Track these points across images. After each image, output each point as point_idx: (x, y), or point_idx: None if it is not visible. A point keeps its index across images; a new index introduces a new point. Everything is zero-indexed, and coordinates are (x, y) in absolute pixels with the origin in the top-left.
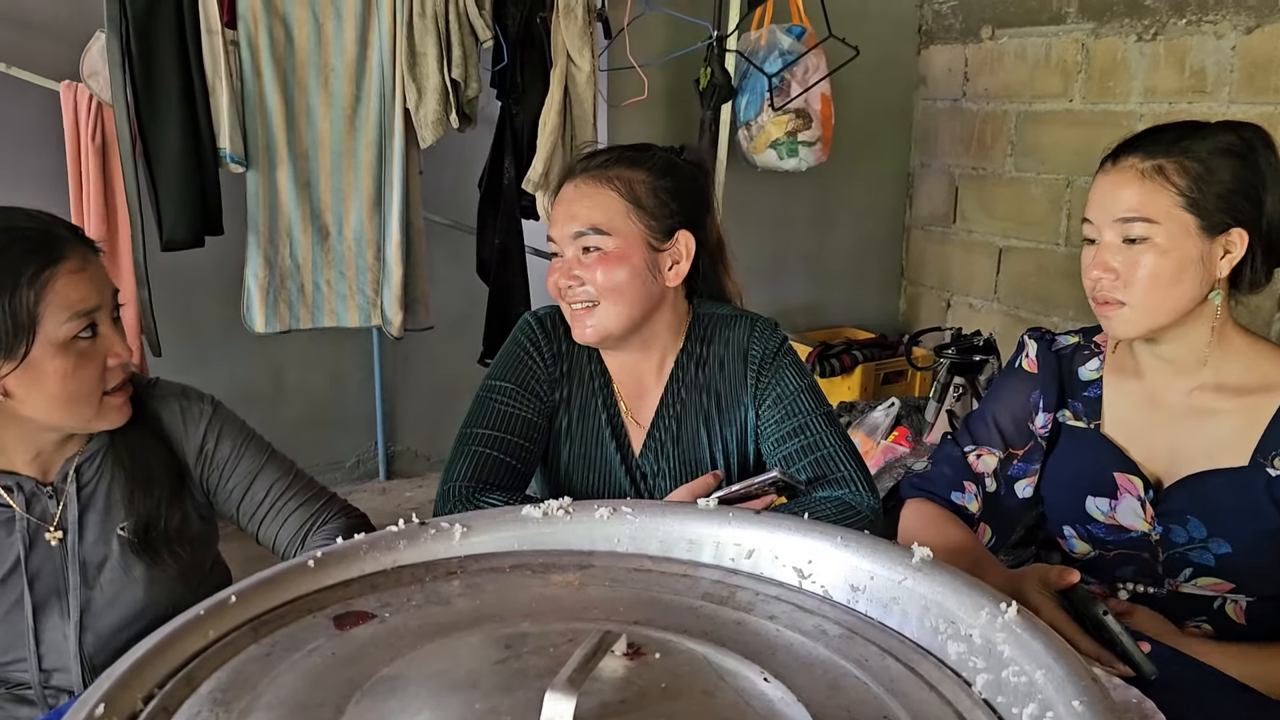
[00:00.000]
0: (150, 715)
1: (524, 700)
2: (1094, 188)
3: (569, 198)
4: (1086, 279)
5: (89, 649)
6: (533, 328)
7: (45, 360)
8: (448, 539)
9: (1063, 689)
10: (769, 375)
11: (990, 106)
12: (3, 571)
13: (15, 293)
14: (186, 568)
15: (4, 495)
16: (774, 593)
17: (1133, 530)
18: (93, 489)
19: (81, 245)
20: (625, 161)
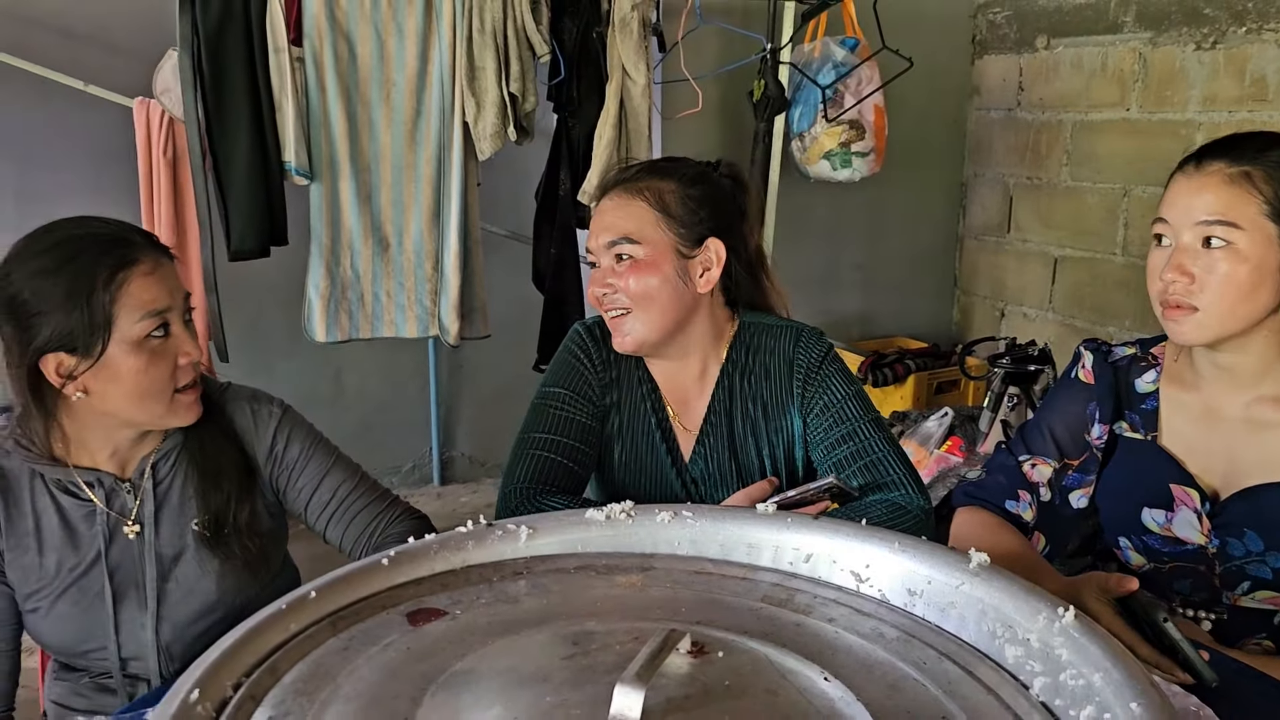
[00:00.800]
0: (239, 703)
1: (593, 695)
2: (1172, 188)
3: (603, 210)
4: (1156, 282)
5: (165, 638)
6: (582, 336)
7: (120, 358)
8: (514, 540)
9: (1120, 692)
10: (815, 384)
11: (1045, 116)
12: (85, 563)
13: (92, 294)
14: (255, 561)
15: (86, 490)
16: (832, 596)
17: (1189, 543)
18: (168, 485)
19: (153, 249)
20: (656, 173)
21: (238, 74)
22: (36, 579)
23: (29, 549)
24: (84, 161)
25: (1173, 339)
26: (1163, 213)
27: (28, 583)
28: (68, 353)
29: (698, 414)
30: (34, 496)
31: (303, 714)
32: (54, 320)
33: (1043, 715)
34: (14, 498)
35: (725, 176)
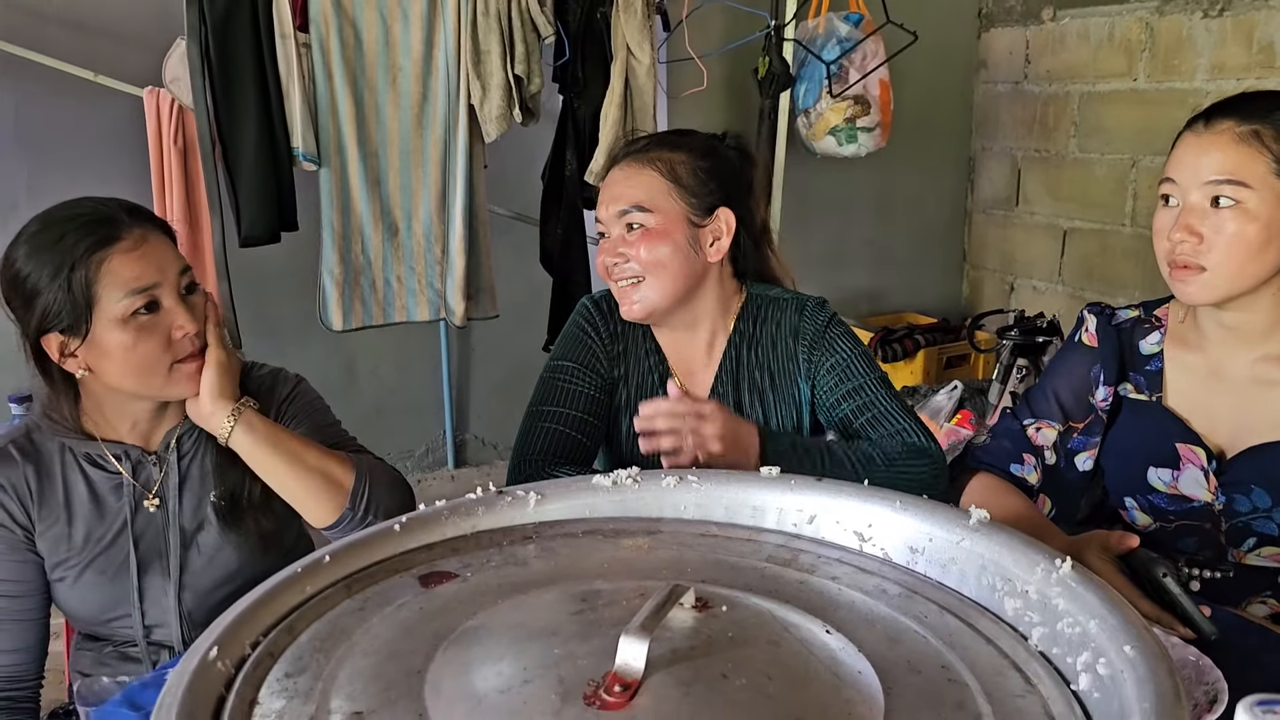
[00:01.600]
0: (257, 659)
1: (599, 646)
2: (1181, 147)
3: (613, 180)
4: (1163, 241)
5: (187, 606)
6: (589, 310)
7: (106, 335)
8: (523, 506)
9: (1115, 637)
10: (821, 348)
11: (1053, 88)
12: (111, 534)
13: (72, 274)
14: (268, 537)
15: (114, 463)
16: (835, 555)
17: (1195, 500)
18: (191, 459)
19: (140, 225)
20: (666, 144)
21: (245, 61)
22: (65, 549)
23: (59, 520)
24: (96, 152)
25: (1180, 299)
26: (1170, 173)
27: (56, 553)
28: (60, 332)
29: (705, 384)
30: (64, 469)
31: (320, 669)
32: (45, 300)
33: (1041, 664)
34: (46, 470)
35: (732, 149)
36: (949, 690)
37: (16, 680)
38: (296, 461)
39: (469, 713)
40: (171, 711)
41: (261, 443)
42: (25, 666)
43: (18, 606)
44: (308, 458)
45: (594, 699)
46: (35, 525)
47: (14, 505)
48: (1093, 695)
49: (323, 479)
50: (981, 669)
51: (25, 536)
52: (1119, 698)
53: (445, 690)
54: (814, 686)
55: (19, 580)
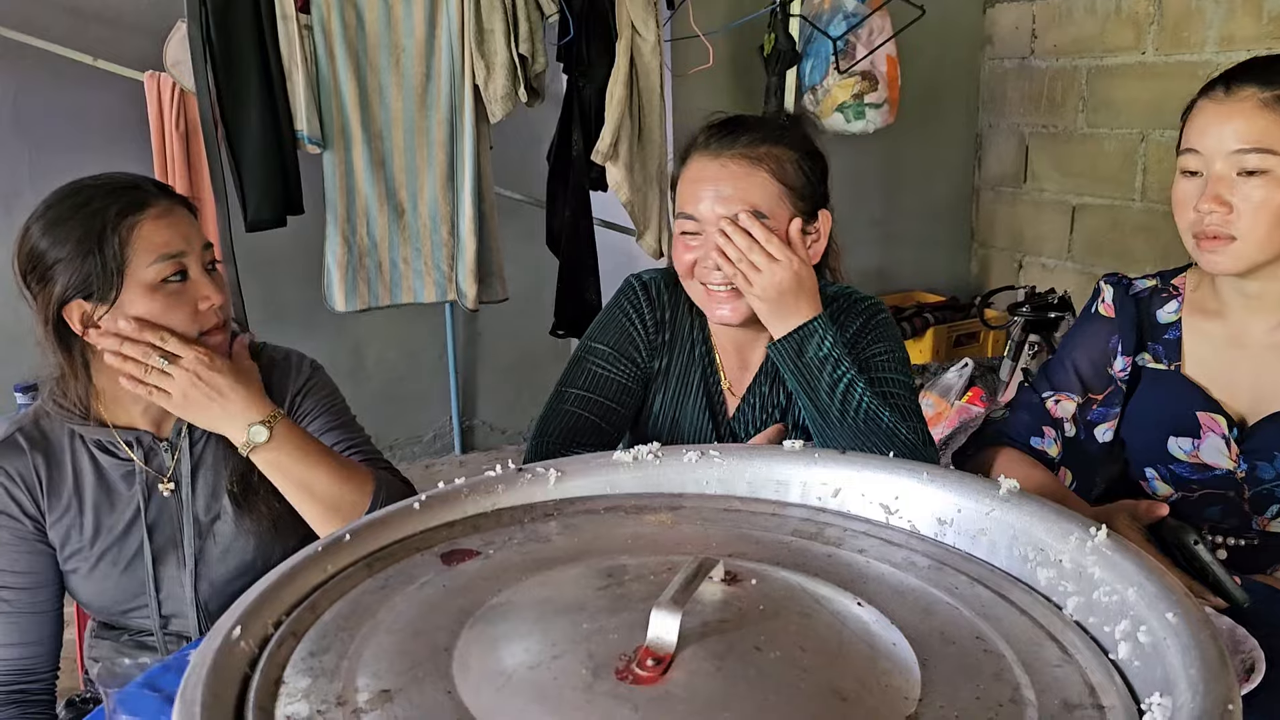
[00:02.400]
0: (280, 639)
1: (629, 620)
2: (1201, 116)
3: (716, 176)
4: (1188, 213)
5: (204, 596)
6: (636, 293)
7: (136, 302)
8: (543, 483)
9: (1155, 604)
10: (864, 342)
11: (1060, 63)
12: (124, 522)
13: (103, 238)
14: (280, 520)
15: (125, 449)
16: (862, 528)
17: (1217, 468)
18: (204, 445)
19: (167, 197)
20: (771, 139)
21: (247, 43)
22: (77, 539)
23: (69, 510)
24: (97, 138)
25: (1206, 269)
26: (1192, 143)
27: (68, 544)
28: (86, 299)
29: (747, 379)
30: (74, 458)
31: (344, 648)
32: (70, 267)
33: (1077, 633)
34: (55, 460)
35: (819, 141)
36: (985, 661)
37: (30, 673)
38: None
39: (499, 689)
40: (197, 691)
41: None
42: (38, 659)
43: (29, 599)
44: (317, 486)
45: (626, 673)
46: (45, 516)
47: (23, 495)
48: (1133, 664)
49: (332, 509)
50: (1017, 639)
51: (35, 528)
52: (1162, 665)
53: (473, 667)
54: (849, 658)
55: (30, 572)
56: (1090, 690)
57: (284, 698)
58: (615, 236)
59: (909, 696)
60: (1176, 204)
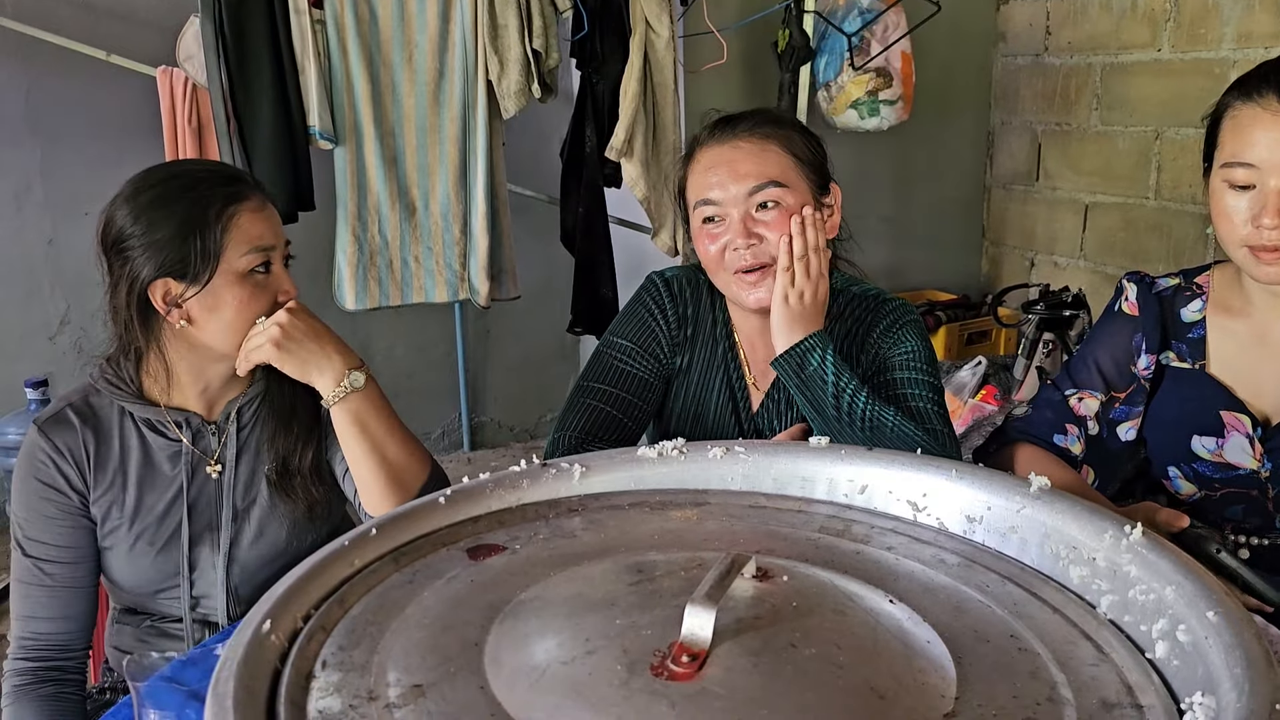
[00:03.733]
0: (310, 633)
1: (663, 616)
2: (1250, 127)
3: (730, 157)
4: (1240, 228)
5: (234, 580)
6: (659, 289)
7: (225, 288)
8: (568, 479)
9: (1194, 603)
10: (890, 340)
11: (1074, 60)
12: (165, 502)
13: (206, 223)
14: (317, 505)
15: (174, 429)
16: (889, 525)
17: (1241, 468)
18: (249, 431)
19: (261, 192)
20: (772, 122)
21: (260, 38)
22: (117, 515)
23: (113, 485)
24: (109, 133)
25: (1259, 279)
26: (1244, 156)
27: (109, 520)
28: (176, 279)
29: (771, 373)
30: (122, 434)
31: (374, 642)
32: (168, 247)
33: (1112, 632)
34: (103, 435)
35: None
36: (1020, 659)
37: (66, 649)
38: (377, 451)
39: (533, 685)
40: (229, 684)
41: (363, 418)
42: (74, 636)
43: (70, 573)
44: (390, 449)
45: (661, 669)
46: (90, 490)
47: (71, 470)
48: (1171, 663)
49: (397, 480)
50: (1051, 638)
51: (80, 502)
52: (1204, 664)
53: (505, 662)
54: (884, 656)
55: (73, 546)
56: (1128, 689)
57: (316, 692)
58: (629, 234)
59: (946, 695)
60: (1222, 217)
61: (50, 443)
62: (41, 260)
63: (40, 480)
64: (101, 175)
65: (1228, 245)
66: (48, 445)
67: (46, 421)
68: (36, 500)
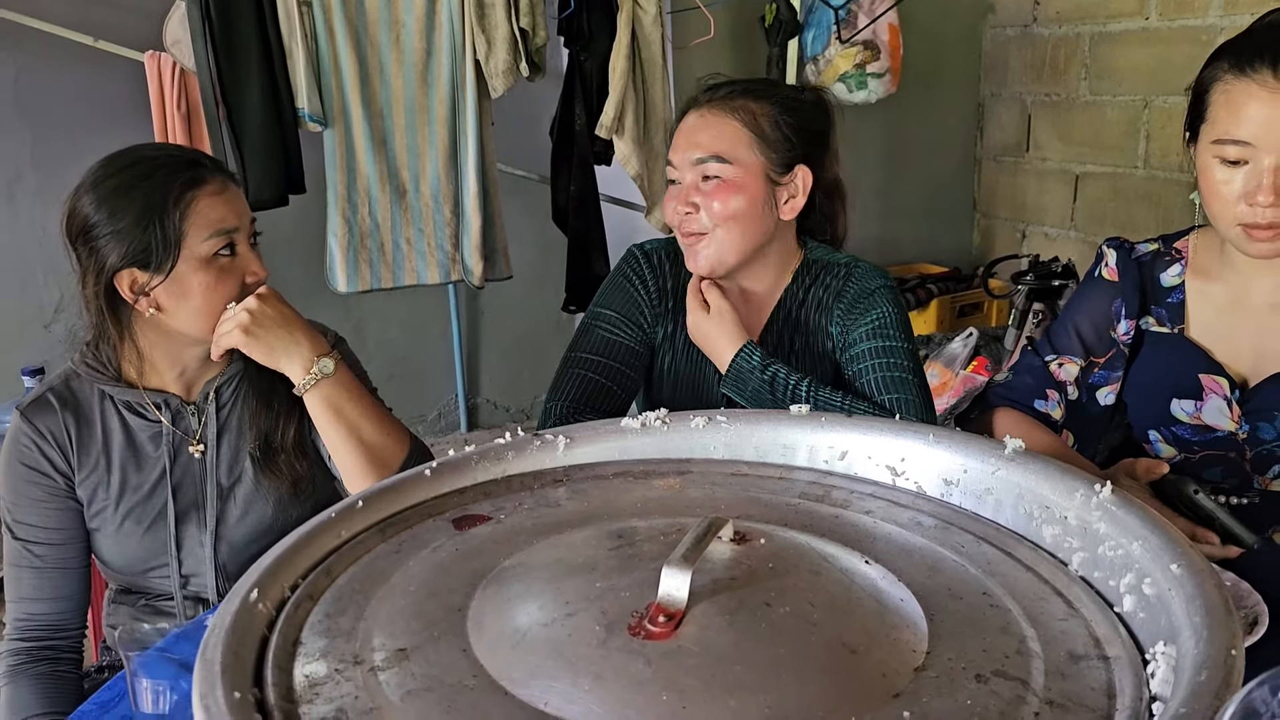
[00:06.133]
0: (297, 601)
1: (641, 579)
2: (1250, 103)
3: (692, 126)
4: (1235, 206)
5: (222, 557)
6: (639, 260)
7: (190, 274)
8: (552, 450)
9: (1159, 557)
10: (860, 308)
11: (1063, 30)
12: (150, 483)
13: (164, 212)
14: (301, 480)
15: (154, 411)
16: (868, 490)
17: (1219, 429)
18: (229, 410)
19: (220, 172)
20: (751, 93)
21: (247, 21)
22: (103, 497)
23: (97, 467)
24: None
25: (1256, 256)
26: (1238, 133)
27: (95, 501)
28: (141, 269)
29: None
30: (103, 417)
31: (360, 610)
32: (129, 238)
33: (1082, 587)
34: (85, 418)
35: (812, 104)
36: (992, 615)
37: (60, 629)
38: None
39: (514, 646)
40: (217, 651)
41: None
42: (68, 616)
43: (59, 554)
44: (365, 430)
45: (639, 629)
46: (75, 472)
47: (54, 452)
48: (1138, 616)
49: (374, 459)
50: (1023, 595)
51: (66, 484)
52: (1167, 615)
53: (488, 626)
54: (857, 614)
55: (61, 528)
56: (1095, 642)
57: (302, 658)
58: (621, 212)
59: (917, 649)
60: (1213, 194)
61: (33, 426)
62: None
63: (25, 464)
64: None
65: (1219, 222)
66: (30, 429)
67: (29, 406)
68: (22, 484)
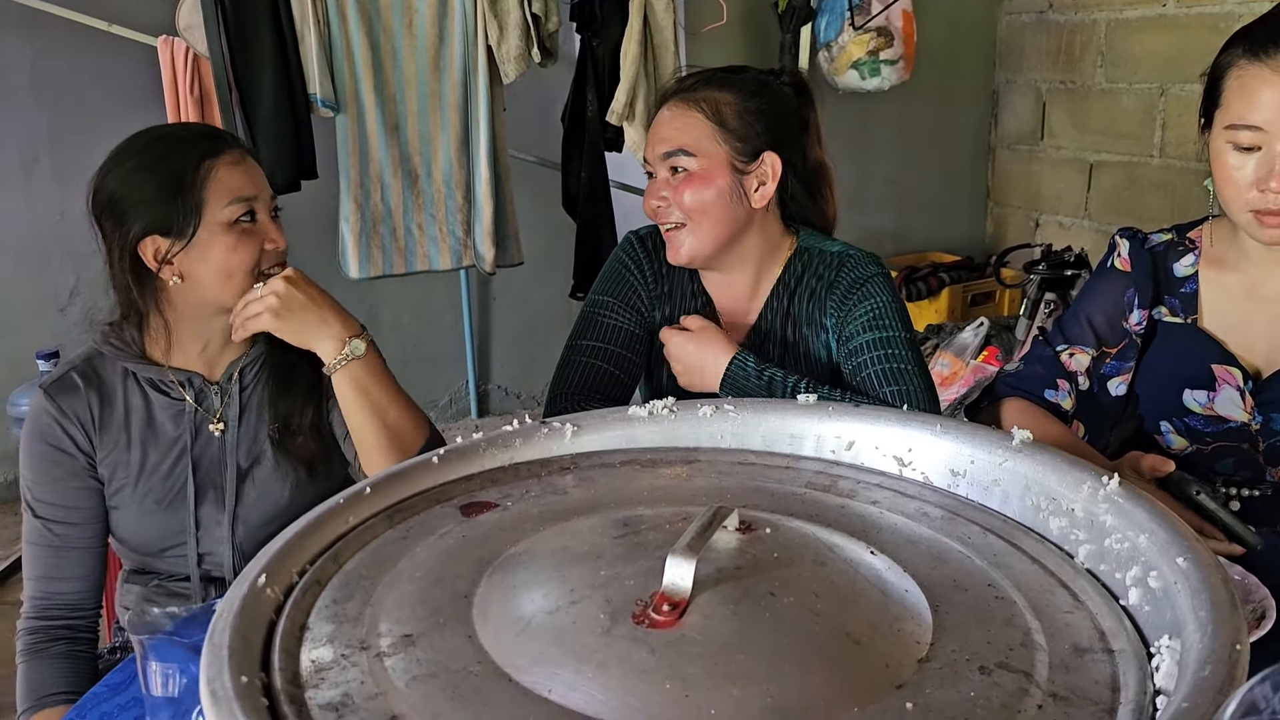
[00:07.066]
0: (305, 586)
1: (645, 568)
2: (1262, 88)
3: (661, 120)
4: (1247, 192)
5: (239, 537)
6: (634, 246)
7: (211, 239)
8: (560, 437)
9: (1165, 550)
10: (855, 298)
11: (1078, 16)
12: (170, 461)
13: (185, 180)
14: (317, 459)
15: (178, 389)
16: (875, 480)
17: (1231, 420)
18: (251, 391)
19: (239, 147)
20: (715, 84)
21: (259, 6)
22: (123, 474)
23: (118, 445)
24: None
25: (1263, 241)
26: (1250, 118)
27: (115, 478)
28: (163, 236)
29: (744, 331)
30: (126, 395)
31: (367, 595)
32: (151, 206)
33: (1088, 580)
34: (107, 397)
35: (788, 85)
36: (997, 607)
37: (77, 608)
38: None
39: (519, 633)
40: (225, 635)
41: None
42: (85, 595)
43: (79, 533)
44: (390, 413)
45: (643, 618)
46: (97, 451)
47: (77, 432)
48: (1143, 609)
49: (396, 442)
50: (1028, 586)
51: (88, 463)
52: (1172, 609)
53: (493, 613)
54: (861, 604)
55: (81, 507)
56: (1100, 635)
57: (309, 642)
58: (632, 198)
59: (921, 641)
60: (1226, 180)
61: (56, 405)
62: (51, 232)
63: (47, 443)
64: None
65: (1231, 208)
66: (53, 408)
67: (51, 385)
68: (44, 463)
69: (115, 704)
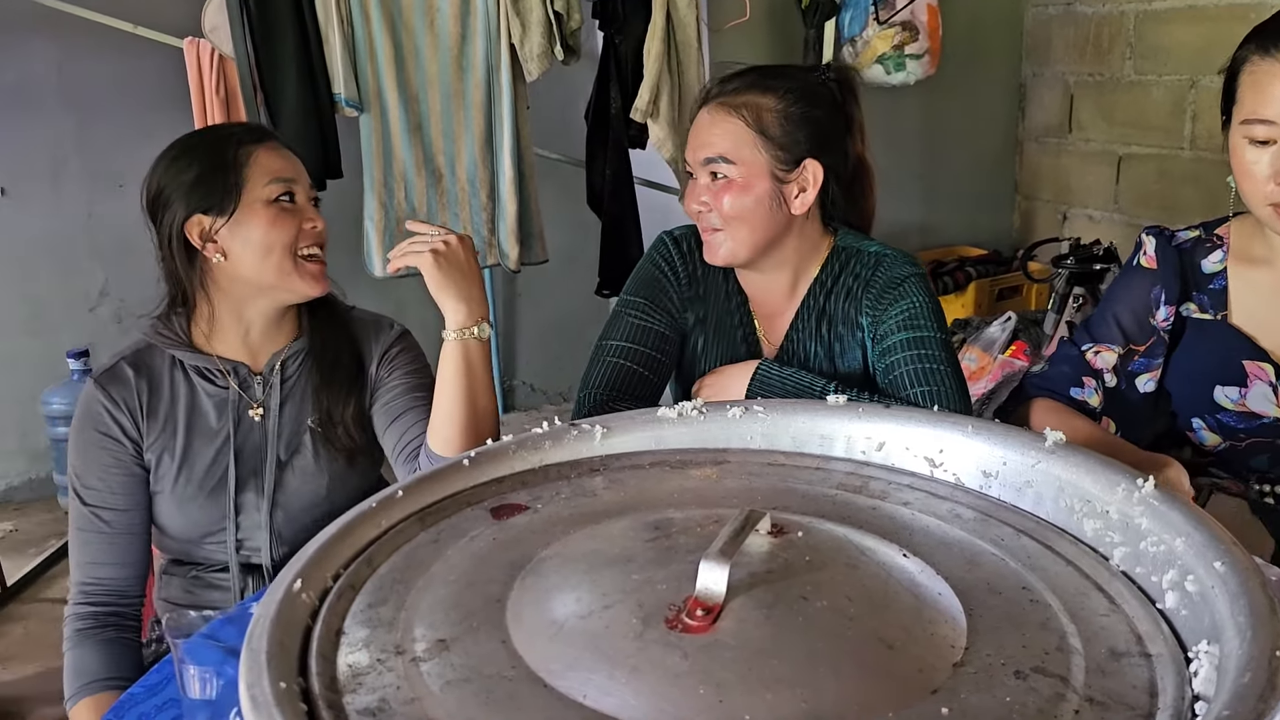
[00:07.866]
0: (339, 591)
1: (678, 572)
2: (1269, 82)
3: (702, 124)
4: (1264, 185)
5: (278, 524)
6: (668, 248)
7: (251, 215)
8: (589, 439)
9: (1203, 554)
10: (889, 298)
11: (1106, 8)
12: (214, 448)
13: (226, 162)
14: (357, 451)
15: (223, 377)
16: (906, 481)
17: (1265, 416)
18: (294, 382)
19: (277, 139)
20: (757, 87)
21: (283, 7)
22: (168, 463)
23: (164, 432)
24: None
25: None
26: (1264, 113)
27: (160, 466)
28: (205, 214)
29: (782, 328)
30: (172, 383)
31: (401, 600)
32: (196, 190)
33: (1123, 583)
34: (156, 385)
35: (834, 81)
36: (1032, 611)
37: (124, 595)
38: (470, 395)
39: (552, 638)
40: (263, 640)
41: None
42: (130, 582)
43: (126, 520)
44: (482, 397)
45: (676, 623)
46: (144, 438)
47: (125, 419)
48: (1180, 613)
49: (475, 426)
50: (1063, 589)
51: (135, 449)
52: (1210, 614)
53: (526, 617)
54: (895, 608)
55: (128, 494)
56: (1137, 639)
57: (345, 647)
58: (656, 195)
59: (956, 645)
60: (1244, 174)
61: (107, 394)
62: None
63: (98, 431)
64: (135, 147)
65: (1251, 202)
66: (104, 397)
67: (102, 375)
68: (94, 450)
69: (152, 704)
